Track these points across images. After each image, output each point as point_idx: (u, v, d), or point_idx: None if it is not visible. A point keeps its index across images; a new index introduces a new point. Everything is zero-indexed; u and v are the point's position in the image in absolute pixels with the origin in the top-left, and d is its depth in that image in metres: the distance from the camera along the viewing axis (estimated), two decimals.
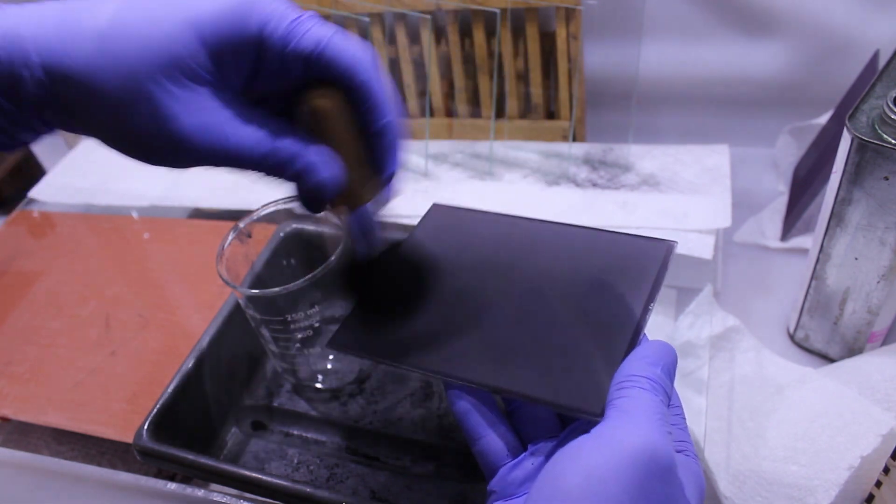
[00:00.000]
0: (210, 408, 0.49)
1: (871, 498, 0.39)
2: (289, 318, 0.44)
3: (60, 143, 0.84)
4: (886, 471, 0.37)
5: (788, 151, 0.67)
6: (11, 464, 0.47)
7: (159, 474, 0.49)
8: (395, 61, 0.71)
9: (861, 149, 0.41)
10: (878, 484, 0.38)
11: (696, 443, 0.44)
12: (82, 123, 0.29)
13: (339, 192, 0.32)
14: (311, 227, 0.53)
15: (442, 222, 0.44)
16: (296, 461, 0.48)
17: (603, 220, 0.60)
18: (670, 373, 0.32)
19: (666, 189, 0.63)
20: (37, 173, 0.79)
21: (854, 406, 0.43)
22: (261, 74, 0.30)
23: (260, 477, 0.40)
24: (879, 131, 0.40)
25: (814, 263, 0.48)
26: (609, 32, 0.70)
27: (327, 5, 0.67)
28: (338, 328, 0.38)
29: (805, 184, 0.59)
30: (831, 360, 0.51)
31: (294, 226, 0.53)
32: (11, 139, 0.30)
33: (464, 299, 0.38)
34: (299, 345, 0.47)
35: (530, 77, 0.68)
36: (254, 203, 0.49)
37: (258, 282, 0.50)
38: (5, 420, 0.54)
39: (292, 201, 0.48)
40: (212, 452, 0.48)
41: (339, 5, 0.67)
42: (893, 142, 0.40)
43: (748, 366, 0.49)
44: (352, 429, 0.49)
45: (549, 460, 0.29)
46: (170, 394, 0.45)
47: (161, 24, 0.28)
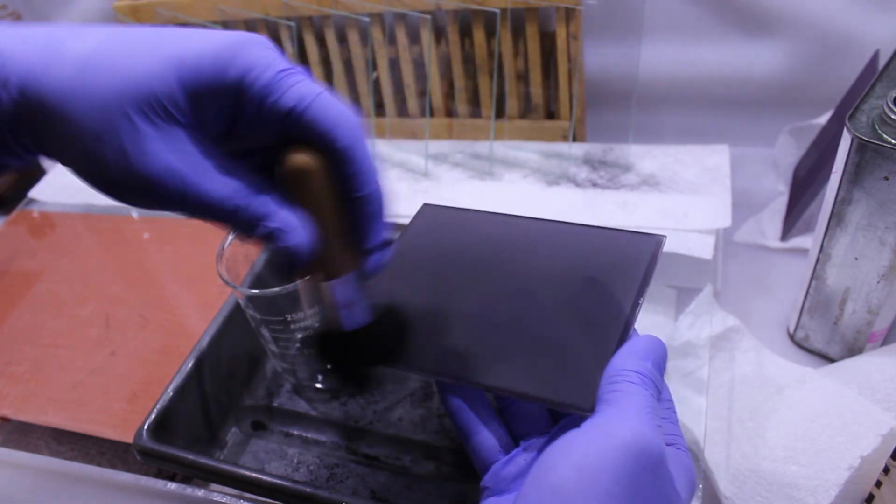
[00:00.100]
0: (210, 408, 0.49)
1: (871, 498, 0.39)
2: (289, 318, 0.44)
3: None
4: (886, 471, 0.37)
5: (788, 151, 0.67)
6: (11, 464, 0.47)
7: (159, 474, 0.49)
8: (395, 61, 0.71)
9: (861, 149, 0.41)
10: (878, 484, 0.38)
11: (696, 443, 0.44)
12: (53, 151, 0.28)
13: (312, 261, 0.30)
14: None
15: (432, 222, 0.44)
16: (296, 461, 0.48)
17: (603, 220, 0.60)
18: (660, 367, 0.32)
19: (666, 189, 0.63)
20: (37, 173, 0.79)
21: (854, 406, 0.43)
22: (240, 124, 0.29)
23: (260, 477, 0.40)
24: (879, 131, 0.40)
25: (814, 263, 0.48)
26: (609, 32, 0.70)
27: (327, 5, 0.67)
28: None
29: (805, 184, 0.59)
30: (831, 360, 0.51)
31: None
32: None
33: (454, 298, 0.38)
34: (299, 345, 0.47)
35: (530, 77, 0.68)
36: None
37: (258, 282, 0.50)
38: (5, 420, 0.54)
39: None
40: (212, 452, 0.48)
41: (339, 5, 0.67)
42: (893, 142, 0.40)
43: (748, 366, 0.49)
44: (352, 429, 0.49)
45: (541, 455, 0.29)
46: (170, 394, 0.45)
47: (142, 60, 0.27)
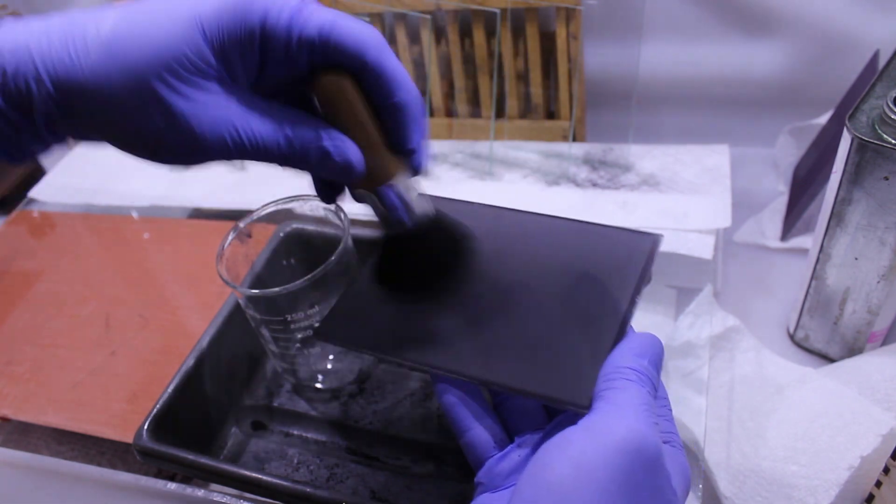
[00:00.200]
0: (210, 408, 0.49)
1: (871, 498, 0.39)
2: (289, 318, 0.44)
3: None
4: (886, 471, 0.37)
5: (788, 151, 0.67)
6: (11, 464, 0.47)
7: (159, 474, 0.49)
8: None
9: (861, 149, 0.41)
10: (878, 484, 0.38)
11: (696, 443, 0.44)
12: (96, 131, 0.29)
13: (359, 175, 0.32)
14: (311, 227, 0.53)
15: None
16: (296, 461, 0.48)
17: (603, 219, 0.58)
18: (657, 364, 0.32)
19: (666, 189, 0.63)
20: (37, 173, 0.79)
21: (854, 406, 0.43)
22: (268, 66, 0.31)
23: (260, 477, 0.40)
24: (879, 131, 0.40)
25: (814, 263, 0.48)
26: (609, 32, 0.70)
27: (327, 5, 0.67)
28: (324, 318, 0.38)
29: (805, 184, 0.59)
30: (831, 360, 0.51)
31: (294, 226, 0.53)
32: (20, 152, 0.30)
33: (451, 291, 0.38)
34: (299, 345, 0.47)
35: (530, 77, 0.68)
36: (254, 203, 0.49)
37: (258, 282, 0.50)
38: (5, 420, 0.54)
39: (295, 200, 0.48)
40: (212, 452, 0.48)
41: (339, 5, 0.67)
42: (893, 142, 0.40)
43: (748, 366, 0.49)
44: (352, 429, 0.49)
45: (537, 451, 0.29)
46: (170, 394, 0.45)
47: (162, 25, 0.28)
